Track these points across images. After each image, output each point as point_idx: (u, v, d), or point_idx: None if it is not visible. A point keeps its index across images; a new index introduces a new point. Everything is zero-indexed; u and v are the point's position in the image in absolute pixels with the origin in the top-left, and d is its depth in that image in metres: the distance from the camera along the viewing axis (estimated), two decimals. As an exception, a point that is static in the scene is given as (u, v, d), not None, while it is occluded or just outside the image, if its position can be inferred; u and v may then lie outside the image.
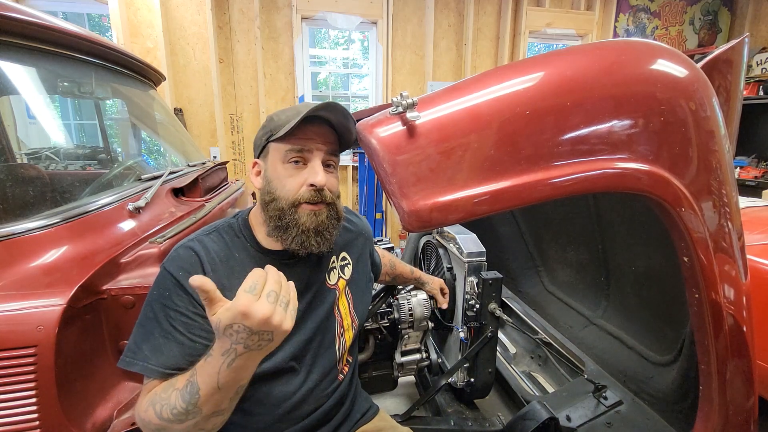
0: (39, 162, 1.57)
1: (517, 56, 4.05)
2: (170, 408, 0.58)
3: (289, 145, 0.73)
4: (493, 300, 1.22)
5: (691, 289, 0.74)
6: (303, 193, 0.74)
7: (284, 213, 0.74)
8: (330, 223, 0.77)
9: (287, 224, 0.74)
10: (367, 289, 1.02)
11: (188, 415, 0.58)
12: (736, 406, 0.81)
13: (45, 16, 1.00)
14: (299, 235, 0.73)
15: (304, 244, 0.74)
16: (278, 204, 0.74)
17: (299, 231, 0.73)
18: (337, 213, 0.79)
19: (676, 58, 0.65)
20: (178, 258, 0.72)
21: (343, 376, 0.91)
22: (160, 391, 0.62)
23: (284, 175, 0.74)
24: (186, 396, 0.58)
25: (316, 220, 0.75)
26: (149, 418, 0.60)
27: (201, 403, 0.57)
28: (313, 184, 0.73)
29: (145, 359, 0.66)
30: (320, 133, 0.75)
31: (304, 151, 0.74)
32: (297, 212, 0.74)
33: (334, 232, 0.79)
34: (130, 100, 1.61)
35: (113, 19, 2.98)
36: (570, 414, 1.14)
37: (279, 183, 0.75)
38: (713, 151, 0.68)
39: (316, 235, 0.75)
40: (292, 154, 0.74)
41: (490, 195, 0.59)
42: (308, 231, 0.74)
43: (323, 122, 0.76)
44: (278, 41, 3.63)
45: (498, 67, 0.68)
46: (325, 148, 0.76)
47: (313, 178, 0.73)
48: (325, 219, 0.76)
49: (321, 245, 0.76)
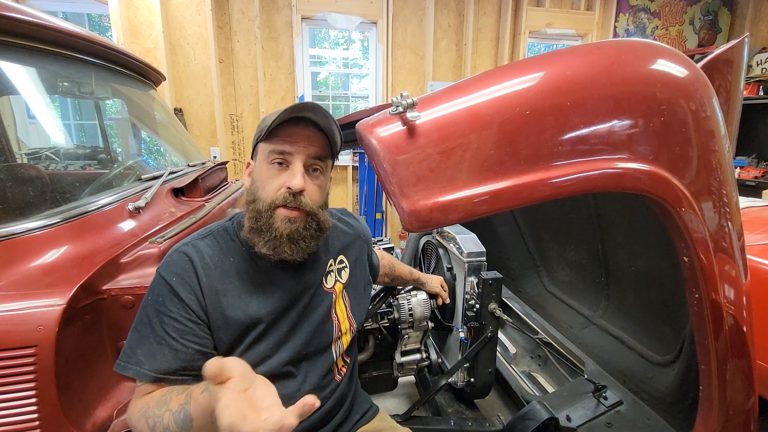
0: (39, 162, 1.57)
1: (517, 56, 4.05)
2: (163, 427, 0.58)
3: (272, 145, 0.73)
4: (493, 300, 1.22)
5: (691, 289, 0.74)
6: (279, 196, 0.72)
7: (260, 215, 0.73)
8: (307, 233, 0.74)
9: (261, 227, 0.72)
10: (366, 293, 1.01)
11: None
12: (736, 406, 0.81)
13: (45, 16, 1.00)
14: (272, 240, 0.72)
15: (277, 250, 0.72)
16: (256, 205, 0.73)
17: (272, 236, 0.72)
18: (318, 224, 0.76)
19: (676, 58, 0.65)
20: (173, 263, 0.72)
21: (342, 376, 0.91)
22: (153, 405, 0.61)
23: (266, 176, 0.74)
24: (179, 422, 0.57)
25: (290, 227, 0.72)
26: (141, 428, 0.60)
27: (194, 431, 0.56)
28: (289, 186, 0.72)
29: (138, 364, 0.66)
30: (305, 135, 0.74)
31: (286, 153, 0.73)
32: (273, 216, 0.72)
33: (312, 242, 0.76)
34: (130, 100, 1.61)
35: (113, 19, 2.98)
36: (570, 414, 1.14)
37: (260, 184, 0.74)
38: (713, 151, 0.68)
39: (290, 242, 0.73)
40: (273, 155, 0.73)
41: (490, 195, 0.59)
42: (281, 237, 0.72)
43: (310, 124, 0.74)
44: (278, 41, 3.63)
45: (498, 67, 0.68)
46: (307, 151, 0.74)
47: (290, 180, 0.72)
48: (301, 228, 0.73)
49: (295, 253, 0.73)
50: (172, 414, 0.58)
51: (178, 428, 0.57)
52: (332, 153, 0.80)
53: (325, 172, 0.79)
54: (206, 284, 0.71)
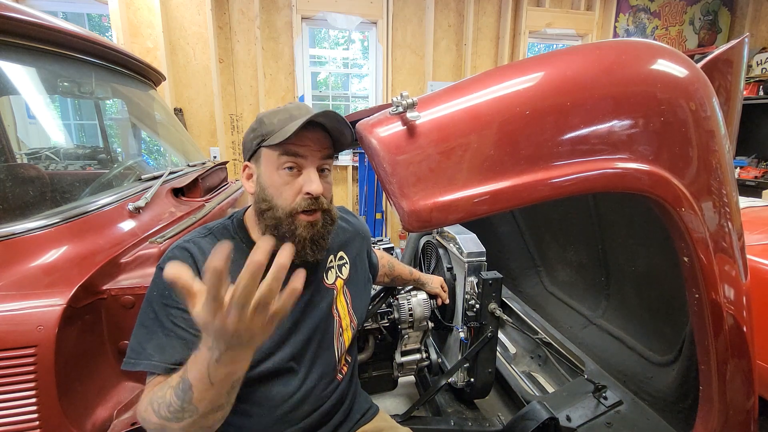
0: (39, 162, 1.57)
1: (517, 56, 4.05)
2: (167, 406, 0.57)
3: (285, 151, 0.72)
4: (493, 300, 1.22)
5: (691, 289, 0.74)
6: (299, 202, 0.73)
7: (281, 222, 0.73)
8: (325, 231, 0.77)
9: (284, 234, 0.73)
10: (366, 289, 1.02)
11: (185, 413, 0.57)
12: (736, 406, 0.81)
13: (45, 16, 1.00)
14: (295, 245, 0.72)
15: (300, 253, 0.74)
16: (275, 213, 0.74)
17: (295, 242, 0.73)
18: (331, 218, 0.79)
19: (676, 58, 0.65)
20: (174, 258, 0.72)
21: (342, 376, 0.91)
22: (156, 390, 0.61)
23: (279, 183, 0.74)
24: (180, 393, 0.56)
25: (313, 230, 0.75)
26: (148, 416, 0.59)
27: (196, 400, 0.56)
28: (309, 192, 0.72)
29: (149, 358, 0.65)
30: (315, 139, 0.74)
31: (299, 157, 0.73)
32: (294, 223, 0.73)
33: (329, 237, 0.79)
34: (130, 100, 1.61)
35: (113, 19, 2.98)
36: (570, 414, 1.14)
37: (275, 191, 0.74)
38: (713, 151, 0.68)
39: (312, 244, 0.75)
40: (286, 159, 0.73)
41: (490, 195, 0.59)
42: (305, 241, 0.74)
43: (318, 126, 0.75)
44: (278, 41, 3.63)
45: (498, 67, 0.68)
46: (320, 154, 0.75)
47: (309, 186, 0.72)
48: (321, 228, 0.76)
49: (316, 253, 0.77)
50: (173, 389, 0.57)
51: (179, 401, 0.56)
52: (336, 148, 0.81)
53: (331, 169, 0.81)
54: None
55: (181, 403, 0.56)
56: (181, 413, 0.57)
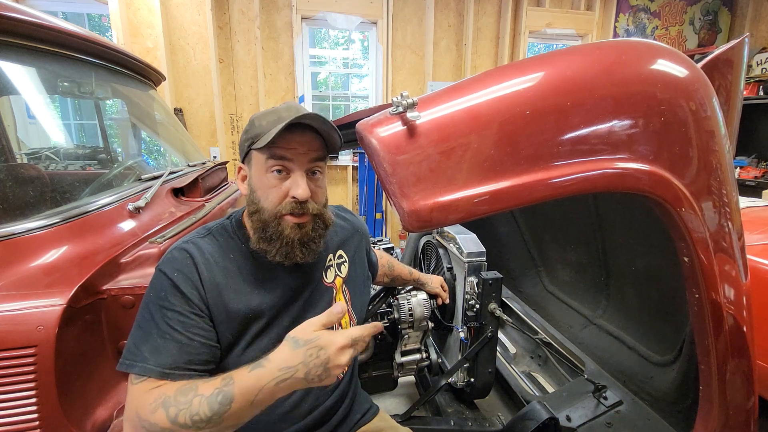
0: (39, 162, 1.57)
1: (517, 56, 4.05)
2: (190, 414, 0.57)
3: (271, 154, 0.72)
4: (493, 300, 1.22)
5: (691, 289, 0.74)
6: (285, 205, 0.73)
7: (267, 225, 0.73)
8: (316, 234, 0.76)
9: (271, 236, 0.73)
10: (365, 288, 1.02)
11: (209, 424, 0.57)
12: (736, 406, 0.81)
13: (45, 16, 1.00)
14: (283, 247, 0.73)
15: (289, 255, 0.74)
16: (261, 215, 0.73)
17: (283, 243, 0.73)
18: (323, 222, 0.78)
19: (676, 58, 0.65)
20: (173, 259, 0.72)
21: (342, 375, 0.91)
22: (173, 395, 0.60)
23: (267, 185, 0.73)
24: (215, 405, 0.57)
25: (300, 231, 0.74)
26: (157, 420, 0.58)
27: (228, 415, 0.57)
28: (294, 196, 0.72)
29: (144, 360, 0.65)
30: (303, 141, 0.73)
31: (286, 160, 0.72)
32: (281, 224, 0.73)
33: (320, 241, 0.78)
34: (130, 100, 1.61)
35: (113, 19, 2.98)
36: (570, 414, 1.14)
37: (262, 193, 0.74)
38: (713, 151, 0.68)
39: (301, 246, 0.74)
40: (272, 163, 0.72)
41: (490, 195, 0.59)
42: (292, 243, 0.73)
43: (307, 128, 0.73)
44: (278, 41, 3.63)
45: (498, 67, 0.68)
46: (308, 157, 0.73)
47: (295, 191, 0.72)
48: (310, 230, 0.75)
49: (306, 256, 0.75)
50: (205, 398, 0.58)
51: (210, 412, 0.57)
52: (328, 150, 0.80)
53: (324, 170, 0.80)
54: (207, 279, 0.71)
55: (211, 414, 0.57)
56: (203, 424, 0.57)
